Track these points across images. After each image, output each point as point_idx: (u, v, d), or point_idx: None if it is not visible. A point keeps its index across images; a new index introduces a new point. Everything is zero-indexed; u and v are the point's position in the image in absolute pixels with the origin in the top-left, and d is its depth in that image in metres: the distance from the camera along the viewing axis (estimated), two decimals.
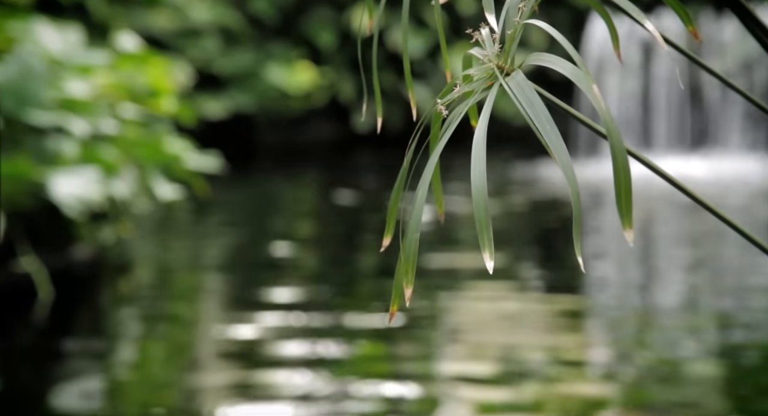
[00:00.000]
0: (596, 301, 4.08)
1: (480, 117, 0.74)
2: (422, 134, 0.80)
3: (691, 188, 0.79)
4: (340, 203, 6.74)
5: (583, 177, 7.21)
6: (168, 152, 4.64)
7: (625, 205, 0.69)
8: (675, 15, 0.80)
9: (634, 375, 3.07)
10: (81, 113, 4.17)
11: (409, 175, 0.79)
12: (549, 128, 0.71)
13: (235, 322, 3.66)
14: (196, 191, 5.17)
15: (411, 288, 0.74)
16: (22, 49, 4.12)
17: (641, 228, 5.49)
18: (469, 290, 4.10)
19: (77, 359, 3.27)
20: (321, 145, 9.73)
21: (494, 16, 0.79)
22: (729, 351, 3.33)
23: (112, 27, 7.81)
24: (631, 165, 0.71)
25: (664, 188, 6.23)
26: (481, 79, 0.78)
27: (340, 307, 3.84)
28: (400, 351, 3.29)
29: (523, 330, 3.52)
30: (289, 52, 9.44)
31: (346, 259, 4.87)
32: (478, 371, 3.04)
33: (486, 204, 0.71)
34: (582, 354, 3.30)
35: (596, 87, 0.70)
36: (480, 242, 0.69)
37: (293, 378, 2.99)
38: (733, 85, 0.92)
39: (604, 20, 0.77)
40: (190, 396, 2.94)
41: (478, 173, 0.71)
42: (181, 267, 4.89)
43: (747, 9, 0.87)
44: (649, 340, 3.48)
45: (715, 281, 4.41)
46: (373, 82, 0.88)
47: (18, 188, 3.88)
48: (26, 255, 3.96)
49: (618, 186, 0.69)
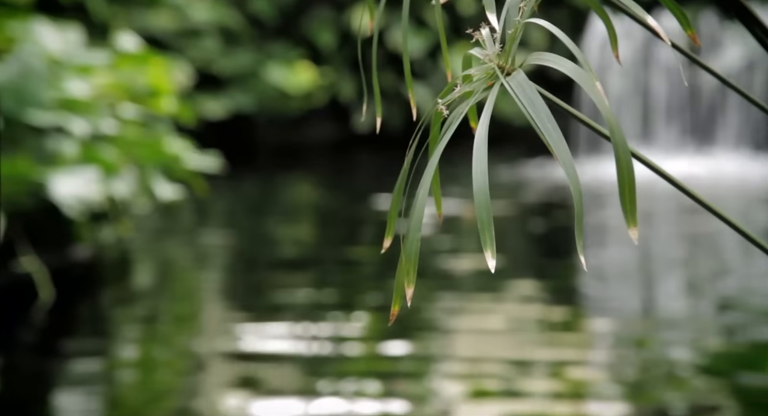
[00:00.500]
0: (596, 305, 4.08)
1: (481, 117, 0.74)
2: (422, 134, 0.80)
3: (692, 188, 0.79)
4: (340, 203, 6.74)
5: (583, 176, 7.21)
6: (168, 152, 4.63)
7: (629, 203, 0.69)
8: (673, 17, 0.80)
9: (635, 380, 3.07)
10: (81, 113, 4.17)
11: (410, 175, 0.78)
12: (551, 128, 0.70)
13: (236, 322, 3.66)
14: (196, 191, 5.16)
15: (412, 288, 0.74)
16: (22, 49, 4.12)
17: (641, 228, 5.49)
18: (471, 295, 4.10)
19: (77, 359, 3.26)
20: (321, 145, 9.73)
21: (495, 15, 0.79)
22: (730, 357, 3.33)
23: (112, 27, 7.81)
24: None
25: (665, 188, 6.23)
26: (481, 79, 0.78)
27: (339, 307, 3.84)
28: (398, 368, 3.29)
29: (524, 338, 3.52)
30: (289, 52, 9.44)
31: (346, 259, 4.87)
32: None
33: (488, 203, 0.71)
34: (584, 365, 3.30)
35: (599, 85, 0.70)
36: (482, 242, 0.69)
37: (294, 379, 2.99)
38: (733, 85, 0.92)
39: (604, 22, 0.77)
40: (190, 396, 2.94)
41: (480, 173, 0.71)
42: (181, 267, 4.89)
43: (747, 9, 0.87)
44: (647, 351, 3.48)
45: (716, 286, 4.41)
46: (373, 82, 0.87)
47: (18, 188, 3.88)
48: (26, 255, 3.96)
49: (621, 185, 0.69)
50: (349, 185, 7.68)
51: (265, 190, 7.52)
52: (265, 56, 9.29)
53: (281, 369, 3.07)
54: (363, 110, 0.90)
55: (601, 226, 5.66)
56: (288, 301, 3.91)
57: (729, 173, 7.92)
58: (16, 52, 4.10)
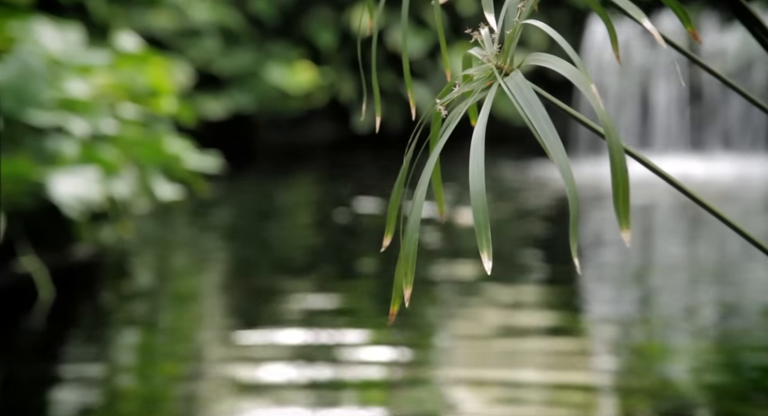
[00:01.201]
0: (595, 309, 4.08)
1: (479, 117, 0.74)
2: (422, 133, 0.80)
3: (691, 188, 0.79)
4: (339, 202, 6.74)
5: (582, 177, 7.20)
6: (168, 152, 4.63)
7: (622, 205, 0.69)
8: (675, 16, 0.80)
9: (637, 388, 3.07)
10: (81, 113, 4.17)
11: (409, 175, 0.79)
12: (547, 129, 0.71)
13: (236, 323, 3.66)
14: (196, 191, 5.16)
15: (410, 288, 0.74)
16: (22, 49, 4.12)
17: (640, 228, 5.49)
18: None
19: (77, 359, 3.26)
20: (321, 145, 9.73)
21: (494, 15, 0.79)
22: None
23: (112, 27, 7.80)
24: (630, 165, 0.71)
25: (664, 188, 6.23)
26: (480, 79, 0.78)
27: (339, 307, 3.84)
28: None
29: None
30: (289, 52, 9.44)
31: (346, 259, 4.87)
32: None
33: (485, 205, 0.71)
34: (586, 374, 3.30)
35: (594, 87, 0.70)
36: (478, 244, 0.69)
37: (294, 379, 2.99)
38: (733, 85, 0.92)
39: (604, 22, 0.77)
40: (189, 397, 2.94)
41: (477, 173, 0.71)
42: (181, 268, 4.89)
43: (747, 9, 0.88)
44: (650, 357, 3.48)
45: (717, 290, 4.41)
46: (373, 82, 0.88)
47: (18, 188, 3.88)
48: (26, 255, 3.96)
49: (615, 186, 0.69)
50: (348, 186, 7.68)
51: (265, 190, 7.52)
52: (265, 56, 9.29)
53: (282, 370, 3.07)
54: (362, 109, 0.90)
55: (600, 226, 5.66)
56: (288, 304, 3.91)
57: (729, 173, 7.92)
58: (16, 52, 4.10)
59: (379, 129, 0.91)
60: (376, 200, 6.55)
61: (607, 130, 0.69)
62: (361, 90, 9.48)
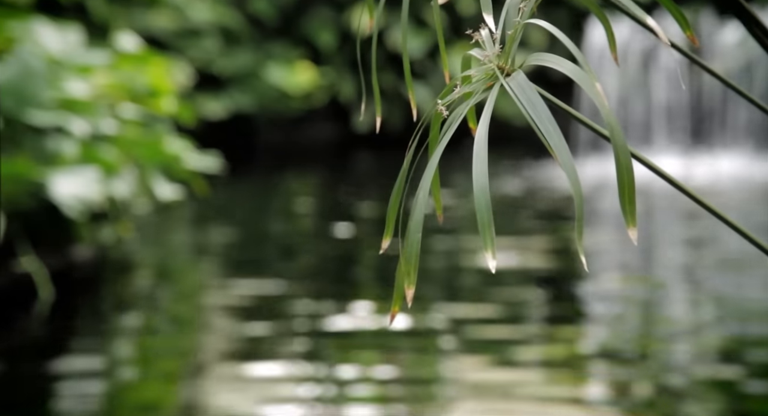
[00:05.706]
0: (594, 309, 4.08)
1: (481, 117, 0.74)
2: (422, 134, 0.80)
3: (691, 189, 0.79)
4: (340, 202, 6.74)
5: (584, 177, 7.21)
6: (168, 152, 4.63)
7: (628, 204, 0.69)
8: (672, 18, 0.80)
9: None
10: (81, 113, 4.17)
11: (409, 176, 0.78)
12: (551, 129, 0.70)
13: (236, 323, 3.66)
14: (196, 191, 5.16)
15: (413, 289, 0.73)
16: (22, 49, 4.12)
17: (641, 229, 5.49)
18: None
19: (77, 359, 3.26)
20: (321, 145, 9.73)
21: (492, 16, 0.79)
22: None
23: (112, 27, 7.80)
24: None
25: (665, 188, 6.23)
26: (481, 79, 0.78)
27: (339, 308, 3.84)
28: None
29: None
30: (289, 52, 9.44)
31: (346, 260, 4.87)
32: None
33: (488, 204, 0.71)
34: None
35: (599, 85, 0.70)
36: (482, 242, 0.69)
37: (293, 379, 2.99)
38: (733, 85, 0.91)
39: (602, 23, 0.77)
40: (190, 397, 2.94)
41: (480, 173, 0.71)
42: (181, 268, 4.89)
43: (747, 10, 0.87)
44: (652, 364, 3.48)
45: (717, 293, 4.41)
46: (373, 82, 0.87)
47: (18, 188, 3.88)
48: (26, 255, 3.96)
49: (621, 185, 0.69)
50: (346, 186, 7.68)
51: (265, 190, 7.52)
52: (265, 56, 9.29)
53: (282, 370, 3.07)
54: (362, 109, 0.90)
55: (599, 227, 5.66)
56: (288, 305, 3.91)
57: (729, 174, 7.92)
58: (16, 52, 4.10)
59: (379, 129, 0.91)
60: (375, 201, 6.55)
61: (612, 129, 0.68)
62: (361, 90, 9.46)
